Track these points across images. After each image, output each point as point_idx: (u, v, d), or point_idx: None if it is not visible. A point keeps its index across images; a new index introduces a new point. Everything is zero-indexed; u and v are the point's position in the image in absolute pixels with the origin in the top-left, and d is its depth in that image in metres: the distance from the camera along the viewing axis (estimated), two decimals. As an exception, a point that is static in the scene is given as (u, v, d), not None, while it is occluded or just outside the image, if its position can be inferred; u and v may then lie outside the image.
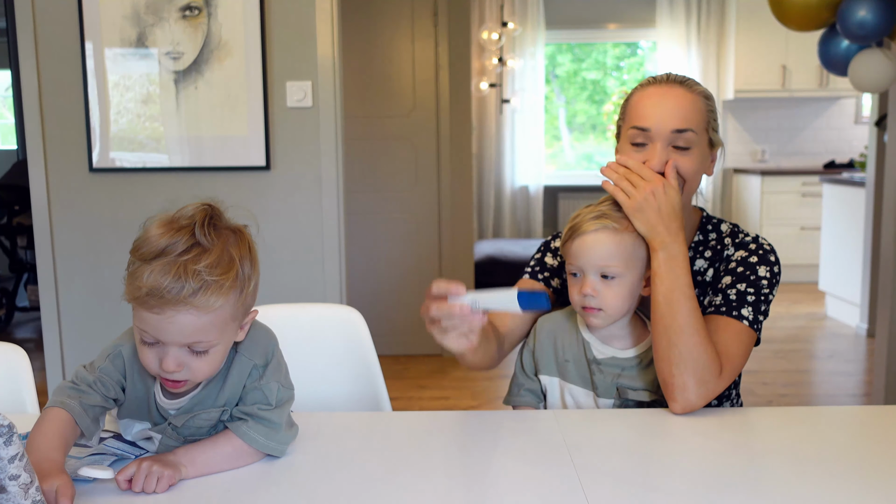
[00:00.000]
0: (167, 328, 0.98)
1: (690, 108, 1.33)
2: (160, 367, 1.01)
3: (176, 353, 1.00)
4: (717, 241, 1.43)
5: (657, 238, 1.27)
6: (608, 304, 1.27)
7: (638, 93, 1.38)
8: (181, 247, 0.98)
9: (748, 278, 1.34)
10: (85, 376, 1.07)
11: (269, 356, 1.11)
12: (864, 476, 1.02)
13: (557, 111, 7.21)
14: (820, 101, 6.74)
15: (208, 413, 1.08)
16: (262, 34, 2.80)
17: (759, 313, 1.32)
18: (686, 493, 0.98)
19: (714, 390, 1.25)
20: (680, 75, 1.38)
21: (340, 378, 1.59)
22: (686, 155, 1.33)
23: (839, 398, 3.71)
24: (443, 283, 1.14)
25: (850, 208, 4.95)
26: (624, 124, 1.39)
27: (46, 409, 1.03)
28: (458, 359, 1.30)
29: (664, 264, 1.27)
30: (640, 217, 1.27)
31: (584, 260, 1.28)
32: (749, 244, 1.39)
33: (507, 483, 1.02)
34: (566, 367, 1.35)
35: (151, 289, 0.96)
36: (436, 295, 1.14)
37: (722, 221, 1.45)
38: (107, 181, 2.91)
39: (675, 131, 1.32)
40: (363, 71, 4.28)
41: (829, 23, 3.03)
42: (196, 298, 0.97)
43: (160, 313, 0.97)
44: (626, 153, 1.36)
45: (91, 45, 2.82)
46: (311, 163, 2.89)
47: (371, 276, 4.41)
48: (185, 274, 0.96)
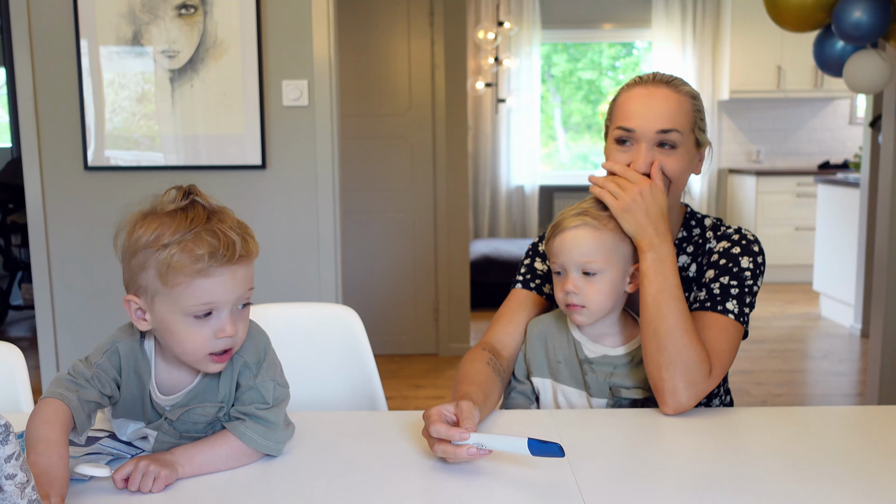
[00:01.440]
0: (231, 285, 1.02)
1: (676, 108, 1.33)
2: (219, 334, 1.02)
3: (229, 314, 1.03)
4: (700, 236, 1.43)
5: (645, 239, 1.27)
6: (591, 300, 1.28)
7: (624, 93, 1.38)
8: (202, 217, 1.01)
9: (731, 270, 1.33)
10: (83, 370, 1.06)
11: (261, 354, 1.11)
12: (858, 476, 1.03)
13: (553, 111, 7.21)
14: (815, 101, 6.76)
15: (204, 408, 1.08)
16: (258, 33, 2.80)
17: (744, 306, 1.32)
18: (681, 492, 0.99)
19: (704, 390, 1.25)
20: (667, 75, 1.38)
21: (336, 377, 1.59)
22: (672, 155, 1.33)
23: (833, 398, 3.72)
24: (442, 428, 1.04)
25: (844, 209, 4.97)
26: (611, 124, 1.40)
27: (45, 400, 1.02)
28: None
29: (652, 266, 1.27)
30: (629, 218, 1.27)
31: (566, 257, 1.29)
32: (731, 235, 1.39)
33: (503, 482, 1.02)
34: (558, 368, 1.35)
35: (213, 252, 0.99)
36: (436, 438, 1.05)
37: (706, 217, 1.45)
38: (102, 180, 2.90)
39: (660, 131, 1.32)
40: (359, 70, 4.28)
41: (824, 24, 3.04)
42: (247, 245, 1.03)
43: (223, 274, 1.01)
44: (612, 153, 1.36)
45: (86, 43, 2.81)
46: (306, 162, 2.88)
47: (366, 276, 4.41)
48: (225, 233, 1.01)
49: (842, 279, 5.01)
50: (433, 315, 4.46)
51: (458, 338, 4.47)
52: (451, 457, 1.04)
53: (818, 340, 4.76)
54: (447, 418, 1.08)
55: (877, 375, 3.18)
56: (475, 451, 1.02)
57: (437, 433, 1.04)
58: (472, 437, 1.03)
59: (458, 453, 1.03)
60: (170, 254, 0.99)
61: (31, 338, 4.85)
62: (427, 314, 4.46)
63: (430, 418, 1.07)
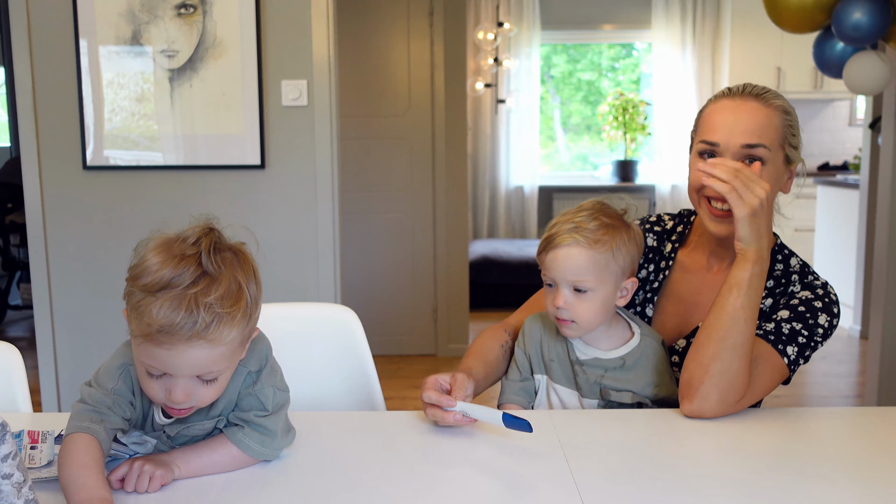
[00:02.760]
0: (178, 363, 0.95)
1: (765, 122, 1.28)
2: (167, 398, 0.98)
3: (185, 384, 0.97)
4: (783, 275, 1.37)
5: (759, 249, 1.22)
6: (580, 317, 1.27)
7: (711, 105, 1.35)
8: (189, 278, 0.93)
9: (806, 320, 1.29)
10: (101, 399, 1.02)
11: (262, 361, 1.09)
12: (858, 477, 1.03)
13: (552, 112, 7.21)
14: (814, 103, 6.76)
15: (202, 424, 1.07)
16: (258, 32, 2.80)
17: (801, 357, 1.29)
18: (680, 492, 0.98)
19: (726, 412, 1.23)
20: (758, 87, 1.33)
21: (335, 378, 1.59)
22: (758, 171, 1.26)
23: (832, 399, 3.72)
24: (433, 394, 1.18)
25: (843, 210, 4.96)
26: (696, 136, 1.36)
27: (74, 437, 0.98)
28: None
29: (751, 279, 1.22)
30: (752, 224, 1.20)
31: (557, 273, 1.27)
32: (817, 288, 1.33)
33: (502, 482, 1.02)
34: (552, 366, 1.35)
35: (163, 326, 0.91)
36: (428, 403, 1.19)
37: (793, 255, 1.39)
38: (101, 179, 2.89)
39: (745, 146, 1.28)
40: (359, 70, 4.27)
41: (824, 25, 3.04)
42: (209, 332, 0.93)
43: (171, 349, 0.93)
44: (695, 168, 1.31)
45: (85, 43, 2.81)
46: (306, 162, 2.88)
47: (365, 276, 4.41)
48: (197, 308, 0.92)
49: (841, 281, 5.01)
50: (432, 316, 4.45)
51: (456, 338, 4.46)
52: (440, 420, 1.17)
53: (817, 342, 4.75)
54: (442, 387, 1.22)
55: (876, 377, 3.18)
56: (461, 418, 1.15)
57: (429, 399, 1.18)
58: (458, 405, 1.16)
59: (445, 417, 1.16)
60: (136, 300, 0.94)
61: (29, 338, 4.85)
62: (426, 315, 4.46)
63: (425, 385, 1.21)
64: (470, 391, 1.22)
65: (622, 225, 1.29)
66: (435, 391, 1.19)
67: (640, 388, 1.30)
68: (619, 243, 1.27)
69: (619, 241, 1.27)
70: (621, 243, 1.27)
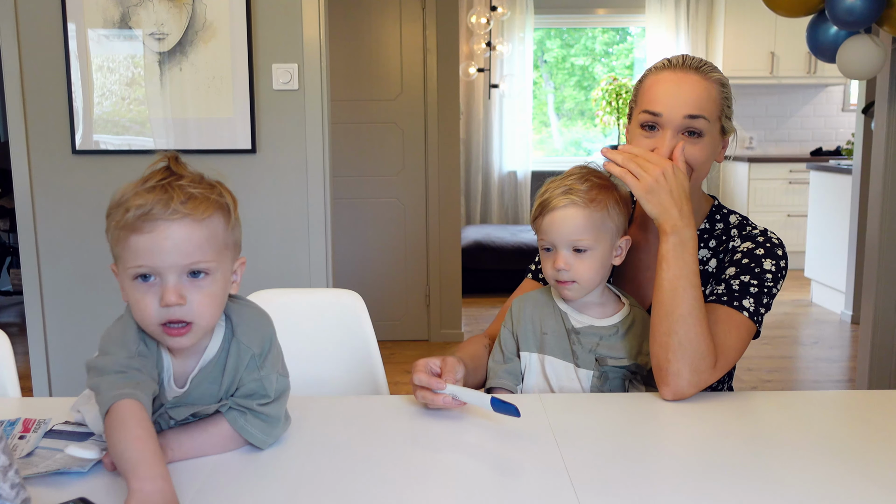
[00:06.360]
0: (164, 245, 0.94)
1: (705, 94, 1.32)
2: (162, 303, 0.95)
3: (175, 282, 0.95)
4: (724, 232, 1.41)
5: (669, 221, 1.25)
6: (581, 276, 1.29)
7: (653, 75, 1.36)
8: (158, 176, 0.98)
9: (753, 270, 1.32)
10: (127, 363, 0.98)
11: (266, 344, 1.08)
12: (848, 459, 1.03)
13: (546, 97, 7.19)
14: (808, 88, 6.76)
15: (208, 408, 1.06)
16: (248, 15, 2.77)
17: (760, 306, 1.31)
18: (672, 476, 0.99)
19: (707, 381, 1.24)
20: (697, 59, 1.36)
21: (340, 362, 1.62)
22: (697, 143, 1.32)
23: (823, 384, 3.74)
24: (424, 377, 1.18)
25: (836, 196, 4.97)
26: (636, 106, 1.38)
27: (122, 404, 0.92)
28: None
29: (673, 249, 1.25)
30: (652, 199, 1.25)
31: (555, 235, 1.30)
32: (757, 237, 1.37)
33: (492, 466, 1.02)
34: (545, 339, 1.36)
35: (140, 206, 0.93)
36: (418, 385, 1.19)
37: (732, 213, 1.44)
38: (90, 164, 2.87)
39: (687, 117, 1.31)
40: (350, 54, 4.25)
41: (818, 9, 3.03)
42: (186, 206, 0.95)
43: (153, 230, 0.94)
44: (636, 137, 1.35)
45: (74, 26, 2.78)
46: (297, 146, 2.86)
47: (357, 261, 4.40)
48: (171, 188, 0.95)
49: (833, 266, 5.02)
50: (424, 301, 4.45)
51: (449, 324, 4.47)
52: (429, 402, 1.18)
53: (809, 327, 4.78)
54: (432, 370, 1.22)
55: (867, 361, 3.19)
56: (450, 401, 1.16)
57: (419, 381, 1.19)
58: (448, 388, 1.16)
59: (435, 400, 1.17)
60: (115, 214, 0.96)
61: (20, 323, 4.83)
62: (418, 300, 4.45)
63: (416, 368, 1.21)
64: (460, 375, 1.23)
65: (612, 185, 1.34)
66: (425, 374, 1.19)
67: (635, 356, 1.32)
68: (612, 202, 1.31)
69: (612, 199, 1.31)
70: (614, 202, 1.31)
